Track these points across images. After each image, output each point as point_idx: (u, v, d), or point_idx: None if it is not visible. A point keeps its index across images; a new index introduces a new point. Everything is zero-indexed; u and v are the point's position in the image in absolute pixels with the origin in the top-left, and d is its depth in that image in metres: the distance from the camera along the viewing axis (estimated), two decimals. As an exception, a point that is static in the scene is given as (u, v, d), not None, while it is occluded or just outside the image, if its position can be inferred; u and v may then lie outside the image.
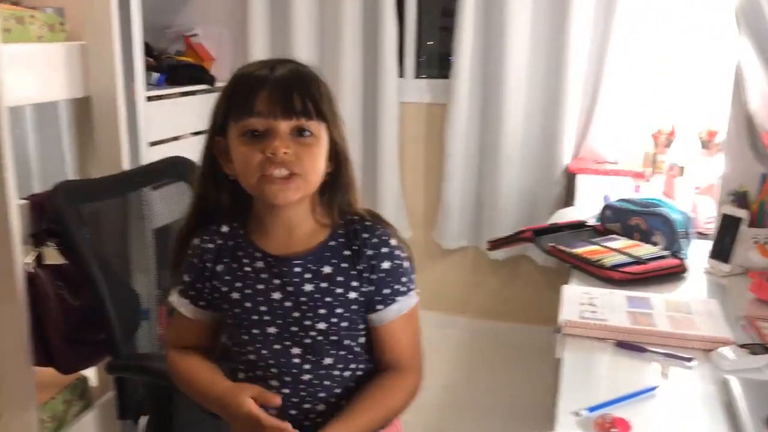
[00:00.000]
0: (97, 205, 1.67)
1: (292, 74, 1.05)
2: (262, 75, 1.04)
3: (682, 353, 1.28)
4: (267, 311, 1.11)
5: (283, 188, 1.04)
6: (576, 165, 2.77)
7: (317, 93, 1.05)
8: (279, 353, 1.12)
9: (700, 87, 2.61)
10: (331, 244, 1.12)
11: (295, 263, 1.11)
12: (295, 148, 1.04)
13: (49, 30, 1.70)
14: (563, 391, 1.19)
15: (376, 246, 1.12)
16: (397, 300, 1.14)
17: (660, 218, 1.80)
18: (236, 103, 1.05)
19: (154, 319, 2.02)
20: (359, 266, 1.11)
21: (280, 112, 1.02)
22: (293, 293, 1.10)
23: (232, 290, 1.12)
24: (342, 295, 1.11)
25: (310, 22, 3.00)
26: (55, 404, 1.79)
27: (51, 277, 1.63)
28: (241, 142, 1.04)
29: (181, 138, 2.87)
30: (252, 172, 1.04)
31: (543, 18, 2.78)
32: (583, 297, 1.50)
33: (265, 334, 1.11)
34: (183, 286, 1.17)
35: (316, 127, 1.06)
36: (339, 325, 1.11)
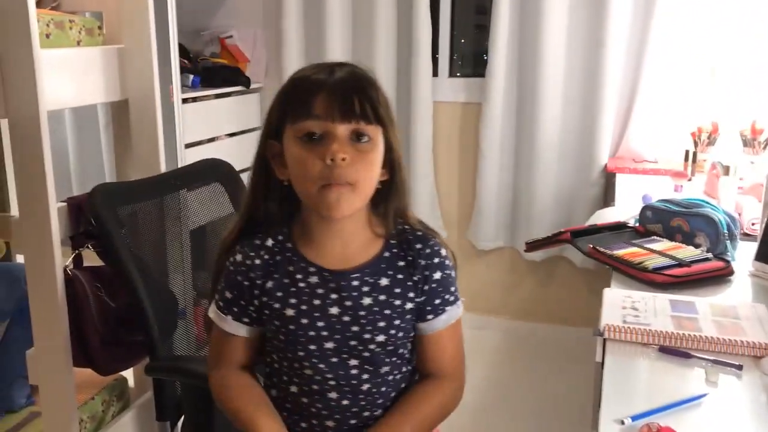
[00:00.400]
0: (134, 207, 1.67)
1: (351, 77, 1.04)
2: (321, 78, 1.03)
3: (729, 360, 1.24)
4: (324, 326, 1.09)
5: (339, 196, 1.02)
6: (614, 164, 2.72)
7: (375, 97, 1.04)
8: (337, 366, 1.10)
9: (744, 83, 2.54)
10: (386, 256, 1.11)
11: (353, 277, 1.09)
12: (352, 155, 1.02)
13: (88, 34, 1.72)
14: (606, 397, 1.16)
15: (429, 256, 1.12)
16: (446, 310, 1.14)
17: (703, 219, 1.75)
18: (293, 106, 1.03)
19: (190, 319, 2.04)
20: (415, 276, 1.11)
21: (338, 114, 1.01)
22: (352, 307, 1.09)
23: (286, 307, 1.09)
24: (400, 307, 1.10)
25: (343, 22, 3.00)
26: (94, 404, 1.81)
27: (89, 278, 1.65)
28: (298, 145, 1.03)
29: (217, 139, 2.90)
30: (311, 181, 1.02)
31: (579, 14, 2.74)
32: (626, 301, 1.46)
33: (322, 349, 1.09)
34: (223, 303, 1.13)
35: (374, 131, 1.04)
36: (396, 336, 1.11)
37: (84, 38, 1.70)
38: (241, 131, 3.08)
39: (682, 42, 2.63)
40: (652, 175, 2.62)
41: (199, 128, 2.73)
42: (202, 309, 2.77)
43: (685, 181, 2.42)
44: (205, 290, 3.01)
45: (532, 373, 2.86)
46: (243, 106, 3.09)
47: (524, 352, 3.03)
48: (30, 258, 1.56)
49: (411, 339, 1.15)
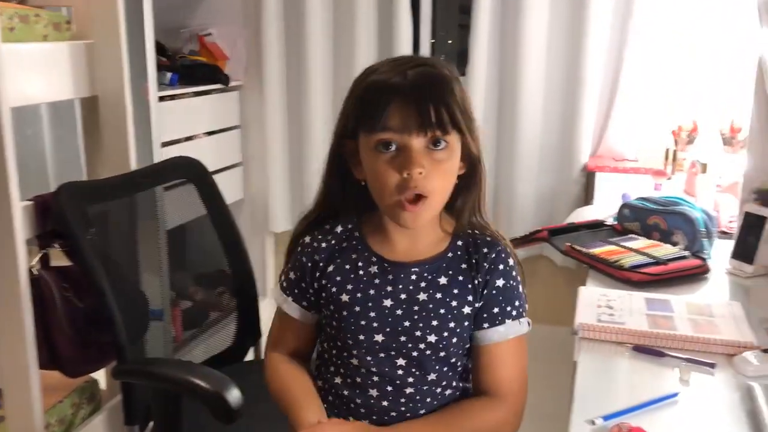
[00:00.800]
0: (104, 205, 1.64)
1: (426, 81, 1.00)
2: (395, 84, 1.00)
3: (703, 358, 1.23)
4: (376, 317, 1.08)
5: (414, 215, 1.02)
6: (594, 163, 2.71)
7: (452, 100, 1.00)
8: (383, 362, 1.08)
9: (722, 82, 2.54)
10: (449, 255, 1.10)
11: (413, 270, 1.08)
12: (428, 166, 1.00)
13: (55, 29, 1.68)
14: (577, 397, 1.15)
15: (494, 261, 1.08)
16: (505, 322, 1.09)
17: (680, 217, 1.74)
18: (367, 114, 1.01)
19: (168, 320, 2.00)
20: (476, 280, 1.08)
21: (414, 126, 0.98)
22: (406, 301, 1.08)
23: (342, 292, 1.09)
24: (456, 309, 1.07)
25: (324, 21, 2.97)
26: (62, 408, 1.77)
27: (57, 278, 1.61)
28: (374, 156, 1.01)
29: (195, 138, 2.86)
30: (388, 194, 1.01)
31: (560, 14, 2.72)
32: (601, 299, 1.45)
33: (371, 341, 1.08)
34: (286, 283, 1.16)
35: (451, 138, 1.01)
36: (449, 340, 1.08)
37: (51, 33, 1.67)
38: (220, 130, 3.04)
39: (662, 41, 2.63)
40: (632, 174, 2.61)
41: (176, 126, 2.69)
42: (180, 310, 2.74)
43: (665, 179, 2.41)
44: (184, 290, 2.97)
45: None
46: (222, 105, 3.05)
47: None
48: (-7, 258, 1.52)
49: (466, 351, 1.11)
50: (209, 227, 1.85)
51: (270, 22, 2.98)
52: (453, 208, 1.10)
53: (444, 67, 1.04)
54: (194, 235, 2.24)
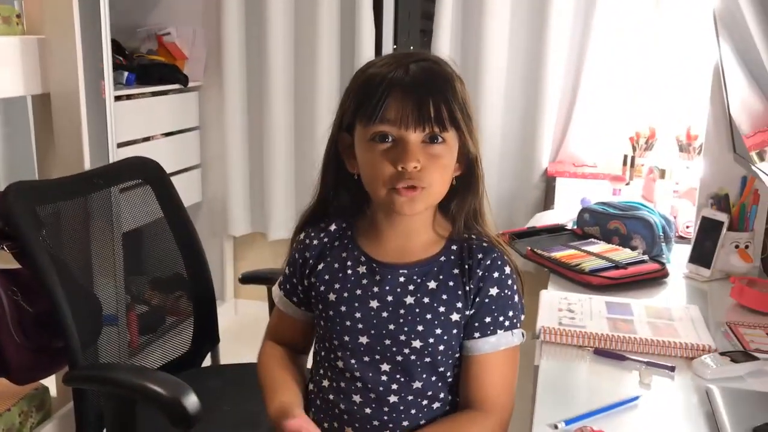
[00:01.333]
0: (55, 206, 1.59)
1: (426, 76, 0.99)
2: (395, 77, 0.98)
3: (663, 361, 1.24)
4: (361, 318, 1.05)
5: (410, 200, 0.99)
6: (554, 168, 2.73)
7: (452, 98, 0.98)
8: (367, 367, 1.06)
9: (679, 90, 2.59)
10: (442, 259, 1.06)
11: (401, 272, 1.06)
12: (424, 160, 0.98)
13: (4, 23, 1.63)
14: (539, 401, 1.15)
15: (489, 269, 1.05)
16: (497, 333, 1.05)
17: (640, 222, 1.76)
18: (365, 106, 0.99)
19: (123, 325, 1.95)
20: (467, 286, 1.04)
21: (411, 120, 0.97)
22: (392, 303, 1.05)
23: (330, 291, 1.08)
24: (444, 315, 1.04)
25: (285, 22, 2.94)
26: (10, 416, 1.71)
27: (5, 282, 1.55)
28: (369, 148, 1.00)
29: (152, 139, 2.81)
30: (381, 185, 1.00)
31: (521, 21, 2.75)
32: (562, 303, 1.45)
33: (356, 342, 1.05)
34: (282, 277, 1.16)
35: (449, 134, 0.99)
36: (435, 347, 1.04)
37: (0, 27, 1.61)
38: (179, 131, 2.99)
39: (621, 50, 2.66)
40: (591, 180, 2.63)
41: (133, 127, 2.63)
42: (135, 314, 2.68)
43: (623, 185, 2.44)
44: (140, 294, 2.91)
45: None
46: (180, 105, 2.99)
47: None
48: (-63, 260, 1.46)
49: (455, 361, 1.07)
50: (166, 230, 1.81)
51: (230, 22, 2.94)
52: (448, 212, 1.08)
53: (446, 64, 1.03)
54: (151, 237, 2.19)
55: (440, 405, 1.08)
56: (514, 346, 1.07)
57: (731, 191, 1.71)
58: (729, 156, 1.70)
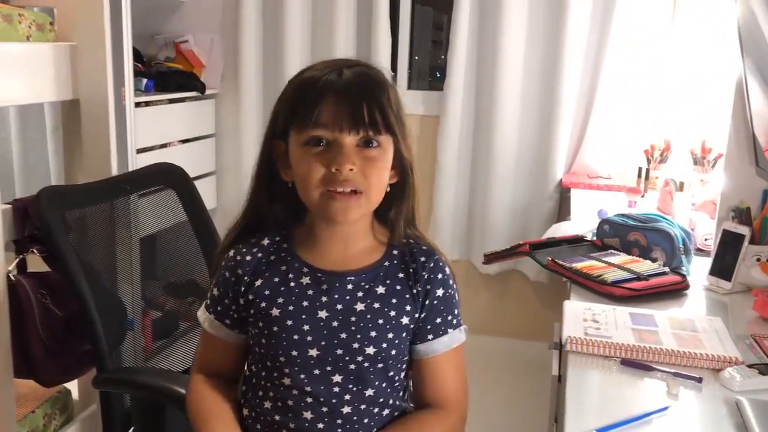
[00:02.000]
0: (83, 211, 1.61)
1: (360, 80, 0.99)
2: (329, 81, 0.98)
3: (689, 372, 1.25)
4: (310, 330, 1.03)
5: (345, 206, 0.99)
6: (569, 179, 2.75)
7: (386, 102, 0.99)
8: (318, 380, 1.03)
9: (694, 102, 2.61)
10: (386, 264, 1.07)
11: (348, 280, 1.05)
12: (360, 163, 0.98)
13: (38, 29, 1.65)
14: (569, 410, 1.15)
15: (433, 271, 1.07)
16: (448, 332, 1.08)
17: (660, 234, 1.77)
18: (300, 110, 0.99)
19: (139, 330, 1.96)
20: (414, 289, 1.06)
21: (346, 124, 0.97)
22: (342, 312, 1.04)
23: (272, 306, 1.04)
24: (394, 319, 1.05)
25: (302, 32, 2.97)
26: (34, 418, 1.72)
27: (34, 284, 1.57)
28: (304, 152, 0.99)
29: (169, 145, 2.83)
30: (314, 187, 0.99)
31: (537, 32, 2.77)
32: (586, 313, 1.46)
33: (305, 356, 1.03)
34: (210, 300, 1.11)
35: (384, 138, 1.00)
36: (388, 352, 1.04)
37: (34, 33, 1.63)
38: (195, 138, 3.01)
39: (637, 61, 2.69)
40: (605, 191, 2.66)
41: (151, 133, 2.66)
42: (150, 319, 2.69)
43: (638, 197, 2.46)
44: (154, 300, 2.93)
45: (485, 386, 2.85)
46: (197, 112, 3.02)
47: (478, 365, 3.01)
48: (-30, 262, 1.48)
49: (405, 364, 1.09)
50: (182, 235, 1.82)
51: (247, 30, 2.98)
52: (386, 219, 1.09)
53: (379, 71, 1.04)
54: (165, 243, 2.21)
55: (389, 411, 1.08)
56: (462, 343, 1.11)
57: (752, 204, 1.73)
58: (751, 169, 1.72)
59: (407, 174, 1.06)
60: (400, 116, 1.02)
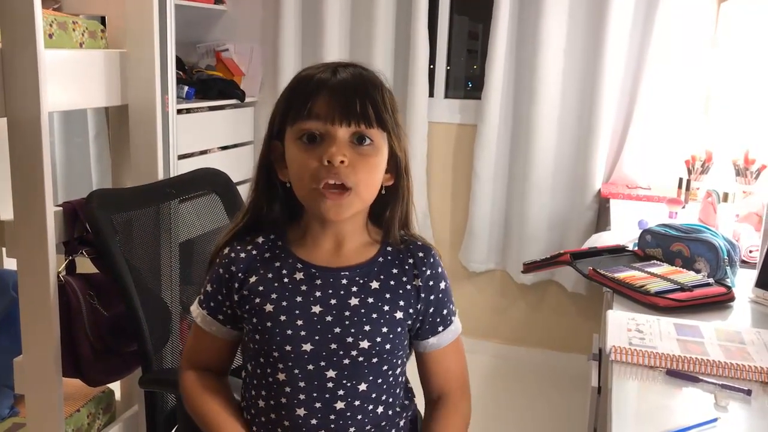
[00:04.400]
0: (129, 214, 1.64)
1: (355, 78, 1.01)
2: (323, 78, 1.00)
3: (737, 384, 1.23)
4: (304, 325, 1.03)
5: (336, 204, 1.00)
6: (608, 189, 2.73)
7: (379, 99, 1.01)
8: (312, 375, 1.04)
9: (737, 113, 2.57)
10: (380, 260, 1.08)
11: (343, 275, 1.06)
12: (352, 157, 0.99)
13: (91, 37, 1.69)
14: (615, 420, 1.14)
15: (433, 266, 1.10)
16: (453, 320, 1.14)
17: (704, 244, 1.75)
18: (294, 106, 1.01)
19: (176, 333, 1.99)
20: (410, 284, 1.08)
21: (338, 116, 0.98)
22: (336, 306, 1.04)
23: (266, 302, 1.04)
24: (388, 314, 1.05)
25: (341, 40, 3.00)
26: (79, 417, 1.75)
27: (82, 285, 1.61)
28: (297, 146, 1.01)
29: (209, 152, 2.87)
30: (307, 180, 1.00)
31: (577, 40, 2.76)
32: (630, 323, 1.45)
33: (299, 351, 1.03)
34: (203, 296, 1.12)
35: (377, 135, 1.01)
36: (382, 346, 1.05)
37: (87, 41, 1.68)
38: (234, 145, 3.05)
39: (678, 70, 2.66)
40: (645, 202, 2.63)
41: (192, 140, 2.70)
42: (187, 323, 2.73)
43: (679, 208, 2.43)
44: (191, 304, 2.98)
45: (521, 397, 2.84)
46: (237, 120, 3.06)
47: (514, 376, 3.01)
48: (23, 263, 1.52)
49: (400, 361, 1.10)
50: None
51: (287, 40, 3.01)
52: (381, 221, 1.10)
53: (376, 74, 1.05)
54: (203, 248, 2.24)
55: (383, 408, 1.09)
56: (460, 331, 1.17)
57: (800, 216, 1.70)
58: (798, 181, 1.69)
59: (401, 176, 1.07)
60: (395, 116, 1.04)
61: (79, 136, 3.33)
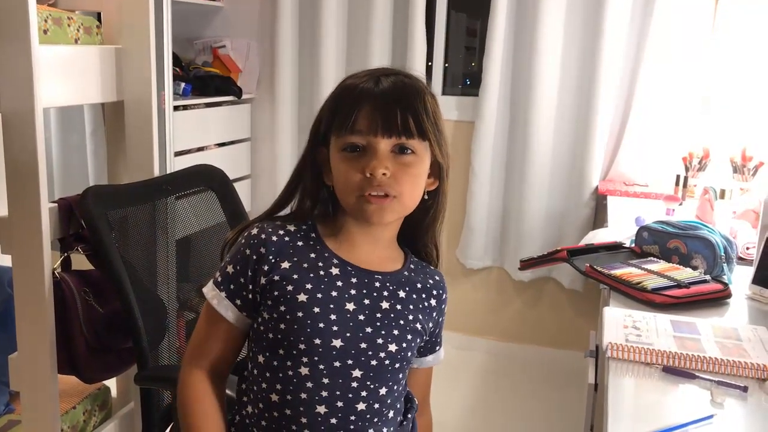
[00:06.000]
0: (125, 210, 1.64)
1: (397, 89, 1.01)
2: (366, 89, 1.01)
3: (733, 381, 1.23)
4: (337, 320, 1.02)
5: (380, 208, 1.01)
6: (605, 186, 2.73)
7: (421, 110, 1.01)
8: (338, 372, 1.02)
9: (735, 110, 2.57)
10: (406, 273, 1.11)
11: (377, 277, 1.08)
12: (394, 168, 1.00)
13: (86, 33, 1.68)
14: (611, 417, 1.14)
15: (445, 289, 1.16)
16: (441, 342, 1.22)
17: (701, 241, 1.75)
18: (338, 117, 1.02)
19: (173, 331, 1.99)
20: (428, 302, 1.12)
21: (380, 129, 0.99)
22: (369, 307, 1.05)
23: (300, 291, 1.01)
24: (411, 323, 1.09)
25: (338, 37, 2.99)
26: (75, 414, 1.75)
27: (78, 282, 1.60)
28: (341, 158, 1.02)
29: (206, 149, 2.87)
30: (351, 191, 1.02)
31: (574, 38, 2.76)
32: (626, 320, 1.45)
33: (328, 346, 1.01)
34: (222, 277, 1.05)
35: (418, 145, 1.02)
36: (406, 353, 1.08)
37: (82, 36, 1.67)
38: (231, 141, 3.05)
39: (675, 67, 2.66)
40: (642, 198, 2.63)
41: (188, 137, 2.70)
42: (184, 321, 2.73)
43: (676, 204, 2.43)
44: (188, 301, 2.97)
45: (517, 394, 2.84)
46: (233, 117, 3.06)
47: (510, 373, 3.01)
48: (18, 259, 1.51)
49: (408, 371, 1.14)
50: (219, 238, 1.83)
51: (284, 36, 3.00)
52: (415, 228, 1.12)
53: (418, 79, 1.05)
54: (200, 245, 2.24)
55: (394, 414, 1.10)
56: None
57: (797, 213, 1.70)
58: (795, 177, 1.69)
59: (443, 181, 1.10)
60: (437, 123, 1.04)
61: (76, 133, 3.33)
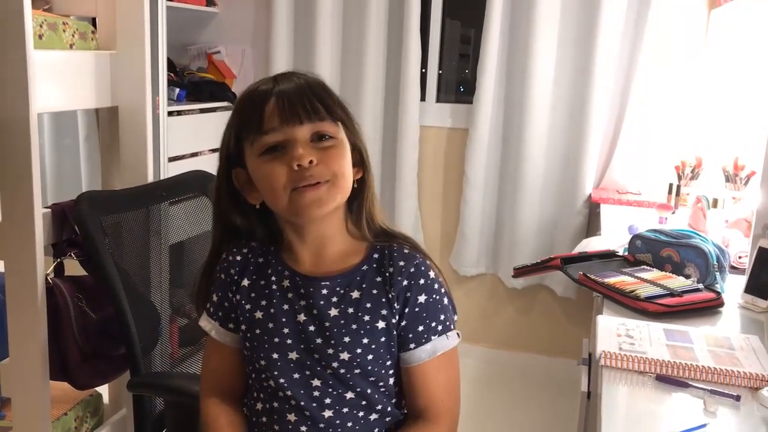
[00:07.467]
0: (118, 216, 1.63)
1: (296, 83, 1.01)
2: (266, 89, 1.00)
3: (726, 390, 1.23)
4: (290, 333, 1.03)
5: (316, 197, 0.98)
6: (598, 194, 2.74)
7: (325, 95, 1.00)
8: (298, 383, 1.03)
9: (727, 119, 2.58)
10: (364, 269, 1.06)
11: (323, 284, 1.04)
12: (318, 155, 0.98)
13: (81, 38, 1.68)
14: (604, 426, 1.14)
15: (413, 276, 1.04)
16: (431, 339, 1.05)
17: (693, 250, 1.75)
18: (246, 124, 1.00)
19: (166, 336, 1.98)
20: (390, 294, 1.03)
21: (291, 119, 0.97)
22: (317, 317, 1.03)
23: (256, 308, 1.05)
24: (369, 324, 1.03)
25: (333, 43, 2.99)
26: (66, 420, 1.74)
27: (70, 288, 1.59)
28: (262, 162, 0.99)
29: (200, 154, 2.86)
30: (281, 191, 0.98)
31: (568, 46, 2.77)
32: (620, 328, 1.45)
33: (285, 359, 1.03)
34: (212, 307, 1.10)
35: (334, 128, 1.01)
36: (364, 357, 1.03)
37: (77, 42, 1.67)
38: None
39: (668, 76, 2.68)
40: (635, 207, 2.64)
41: (182, 142, 2.69)
42: (177, 326, 2.72)
43: (669, 213, 2.44)
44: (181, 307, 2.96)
45: (510, 402, 2.84)
46: (227, 122, 3.05)
47: (503, 381, 3.01)
48: (11, 264, 1.51)
49: (390, 369, 1.07)
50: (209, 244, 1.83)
51: (279, 42, 3.01)
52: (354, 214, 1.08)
53: (316, 76, 1.04)
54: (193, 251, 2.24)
55: (378, 416, 1.07)
56: (451, 349, 1.07)
57: (789, 222, 1.71)
58: (787, 187, 1.70)
59: (368, 168, 1.07)
60: (345, 110, 1.03)
61: (70, 138, 3.32)
